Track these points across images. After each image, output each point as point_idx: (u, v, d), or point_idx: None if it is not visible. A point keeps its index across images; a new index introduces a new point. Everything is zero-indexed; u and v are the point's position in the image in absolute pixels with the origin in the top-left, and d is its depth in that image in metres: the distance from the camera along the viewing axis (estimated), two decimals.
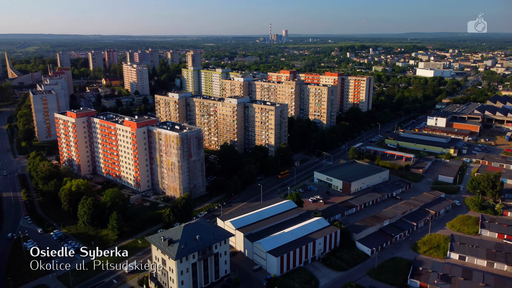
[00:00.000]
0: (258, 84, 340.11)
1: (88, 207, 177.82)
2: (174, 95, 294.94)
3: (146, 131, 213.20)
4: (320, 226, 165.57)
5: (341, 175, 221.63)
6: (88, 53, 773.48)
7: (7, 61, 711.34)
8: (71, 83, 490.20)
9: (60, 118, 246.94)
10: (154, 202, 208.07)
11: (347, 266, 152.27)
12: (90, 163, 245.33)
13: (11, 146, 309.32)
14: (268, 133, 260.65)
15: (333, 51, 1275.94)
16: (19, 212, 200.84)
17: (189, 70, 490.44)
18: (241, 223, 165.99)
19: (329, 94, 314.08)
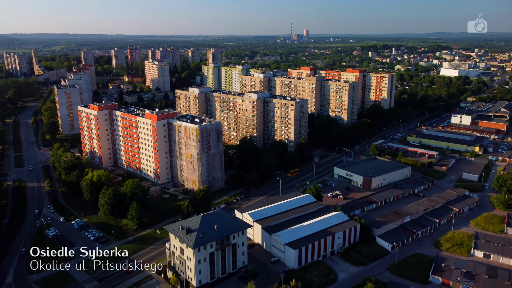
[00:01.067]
0: (278, 80, 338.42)
1: (109, 197, 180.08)
2: (194, 89, 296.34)
3: (166, 123, 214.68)
4: (339, 220, 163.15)
5: (361, 171, 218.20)
6: (111, 51, 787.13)
7: (33, 58, 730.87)
8: (94, 80, 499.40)
9: (83, 111, 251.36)
10: (173, 194, 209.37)
11: (366, 261, 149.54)
12: (111, 155, 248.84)
13: (36, 138, 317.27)
14: (287, 128, 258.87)
15: (355, 51, 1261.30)
16: (43, 201, 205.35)
17: (209, 67, 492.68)
18: (259, 216, 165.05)
19: (350, 90, 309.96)
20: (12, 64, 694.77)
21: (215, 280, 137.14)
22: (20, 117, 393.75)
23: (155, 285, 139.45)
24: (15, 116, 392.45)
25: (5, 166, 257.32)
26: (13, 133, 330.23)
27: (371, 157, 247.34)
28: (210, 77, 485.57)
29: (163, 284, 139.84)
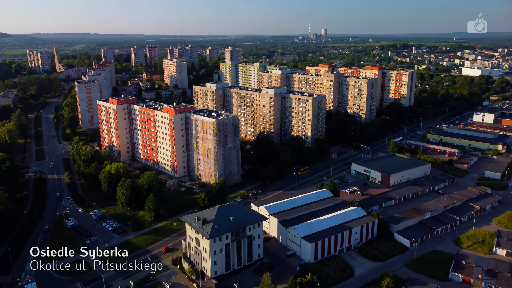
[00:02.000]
0: (296, 77, 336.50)
1: (126, 188, 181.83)
2: (211, 85, 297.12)
3: (184, 117, 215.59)
4: (357, 216, 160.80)
5: (380, 167, 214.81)
6: (131, 49, 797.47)
7: (55, 56, 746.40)
8: (114, 77, 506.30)
9: (103, 105, 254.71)
10: (189, 188, 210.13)
11: (384, 257, 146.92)
12: (129, 149, 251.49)
13: (56, 133, 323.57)
14: (305, 124, 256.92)
15: (374, 50, 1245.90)
16: (62, 193, 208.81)
17: (227, 65, 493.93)
18: (275, 209, 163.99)
19: (369, 87, 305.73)
20: (35, 61, 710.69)
21: (230, 271, 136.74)
22: (41, 112, 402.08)
23: (170, 275, 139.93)
24: (37, 111, 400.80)
25: (27, 158, 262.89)
26: (35, 128, 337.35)
27: (390, 154, 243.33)
28: (228, 74, 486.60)
29: (178, 275, 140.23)
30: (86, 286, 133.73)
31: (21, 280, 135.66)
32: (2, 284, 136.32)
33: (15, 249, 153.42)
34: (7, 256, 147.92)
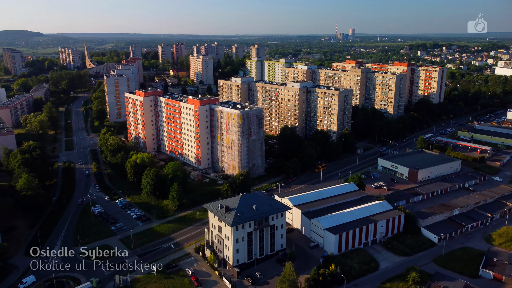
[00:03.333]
0: (322, 72, 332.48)
1: (151, 177, 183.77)
2: (237, 79, 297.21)
3: (209, 109, 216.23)
4: (382, 209, 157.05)
5: (407, 163, 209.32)
6: (158, 46, 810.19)
7: (86, 53, 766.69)
8: (141, 73, 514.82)
9: (130, 97, 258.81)
10: (213, 179, 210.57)
11: (410, 252, 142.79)
12: (155, 141, 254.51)
13: (85, 125, 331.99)
14: (330, 119, 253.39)
15: (403, 49, 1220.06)
16: (90, 182, 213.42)
17: (252, 61, 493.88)
18: (299, 201, 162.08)
19: (397, 82, 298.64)
20: (66, 58, 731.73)
21: (252, 260, 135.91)
22: (71, 106, 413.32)
23: (193, 262, 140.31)
24: (67, 105, 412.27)
25: (57, 149, 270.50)
26: (65, 120, 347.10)
27: (418, 150, 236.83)
28: (253, 71, 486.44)
29: (201, 263, 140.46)
30: (111, 270, 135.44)
31: (49, 261, 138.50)
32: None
33: (44, 232, 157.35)
34: (36, 239, 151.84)
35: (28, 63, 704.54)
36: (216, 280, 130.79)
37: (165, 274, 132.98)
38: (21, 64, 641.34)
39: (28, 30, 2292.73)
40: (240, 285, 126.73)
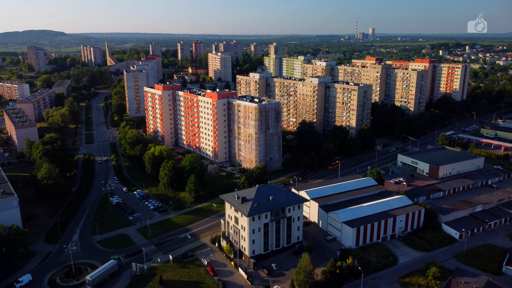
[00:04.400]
0: (341, 69, 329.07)
1: (169, 169, 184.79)
2: (255, 75, 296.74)
3: (226, 103, 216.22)
4: (402, 204, 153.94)
5: (428, 159, 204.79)
6: (177, 44, 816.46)
7: (107, 50, 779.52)
8: (161, 70, 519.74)
9: (149, 91, 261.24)
10: (230, 173, 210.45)
11: (430, 247, 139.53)
12: (173, 134, 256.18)
13: (105, 119, 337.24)
14: (349, 115, 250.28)
15: (424, 49, 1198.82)
16: (108, 173, 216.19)
17: (271, 58, 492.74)
18: (316, 194, 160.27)
19: (419, 79, 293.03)
20: (88, 56, 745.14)
21: (268, 252, 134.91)
22: (92, 101, 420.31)
23: (209, 253, 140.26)
24: (88, 100, 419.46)
25: (77, 142, 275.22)
26: (85, 115, 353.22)
27: (439, 147, 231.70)
28: (271, 68, 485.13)
29: (217, 253, 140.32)
30: (127, 259, 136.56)
31: (68, 249, 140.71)
32: (50, 252, 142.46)
33: (64, 221, 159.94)
34: (56, 227, 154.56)
35: (51, 60, 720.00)
36: (232, 270, 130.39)
37: (181, 264, 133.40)
38: (44, 61, 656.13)
39: (52, 30, 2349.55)
40: (256, 276, 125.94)
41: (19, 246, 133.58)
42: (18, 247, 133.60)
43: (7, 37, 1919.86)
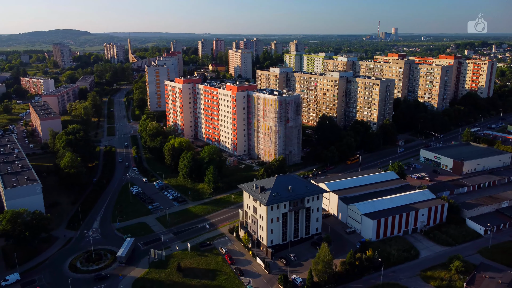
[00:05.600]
0: (363, 64, 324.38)
1: (188, 160, 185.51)
2: (275, 69, 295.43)
3: (246, 95, 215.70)
4: (424, 198, 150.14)
5: (452, 154, 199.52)
6: (198, 42, 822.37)
7: (129, 47, 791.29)
8: (181, 66, 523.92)
9: (169, 84, 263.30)
10: (249, 165, 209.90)
11: (454, 242, 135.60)
12: (192, 128, 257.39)
13: (127, 113, 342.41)
14: (370, 109, 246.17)
15: (448, 48, 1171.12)
16: (129, 164, 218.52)
17: (291, 55, 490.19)
18: (336, 186, 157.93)
19: (443, 74, 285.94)
20: (110, 53, 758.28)
21: (286, 242, 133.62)
22: (114, 96, 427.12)
23: (227, 242, 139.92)
24: (110, 95, 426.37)
25: (99, 134, 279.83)
26: (107, 109, 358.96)
27: (464, 143, 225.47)
28: (292, 64, 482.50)
29: (234, 243, 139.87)
30: (146, 246, 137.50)
31: (88, 235, 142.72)
32: (71, 238, 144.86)
33: (85, 208, 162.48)
34: (77, 214, 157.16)
35: (75, 58, 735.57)
36: (249, 260, 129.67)
37: (199, 252, 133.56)
38: (69, 58, 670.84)
39: (77, 29, 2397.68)
40: (273, 266, 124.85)
41: (41, 231, 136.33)
42: (41, 232, 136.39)
43: (34, 36, 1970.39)
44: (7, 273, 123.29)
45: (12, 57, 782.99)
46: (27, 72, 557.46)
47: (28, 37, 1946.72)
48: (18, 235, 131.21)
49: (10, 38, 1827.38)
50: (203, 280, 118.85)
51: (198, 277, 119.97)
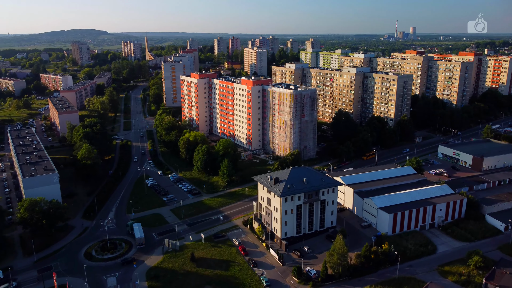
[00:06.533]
0: (380, 61, 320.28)
1: (203, 153, 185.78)
2: (291, 65, 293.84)
3: (261, 90, 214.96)
4: (442, 193, 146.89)
5: (471, 151, 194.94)
6: (214, 40, 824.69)
7: (146, 45, 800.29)
8: (197, 64, 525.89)
9: (185, 79, 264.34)
10: (263, 160, 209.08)
11: (473, 238, 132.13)
12: (207, 123, 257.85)
13: (143, 109, 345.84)
14: (387, 105, 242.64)
15: (468, 48, 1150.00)
16: (145, 157, 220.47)
17: (307, 52, 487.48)
18: (352, 180, 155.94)
19: (463, 71, 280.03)
20: (128, 51, 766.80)
21: (301, 235, 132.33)
22: (131, 93, 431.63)
23: (240, 234, 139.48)
24: (127, 92, 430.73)
25: (115, 129, 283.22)
26: (124, 105, 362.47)
27: (484, 139, 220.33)
28: (308, 62, 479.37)
29: (248, 235, 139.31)
30: (161, 236, 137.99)
31: (104, 224, 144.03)
32: (87, 227, 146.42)
33: (100, 199, 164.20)
34: (93, 204, 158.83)
35: (93, 56, 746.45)
36: (263, 251, 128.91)
37: (212, 243, 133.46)
38: (87, 56, 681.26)
39: (95, 29, 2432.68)
40: (287, 258, 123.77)
41: (58, 220, 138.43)
42: (57, 221, 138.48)
43: (54, 36, 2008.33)
44: (24, 261, 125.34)
45: (32, 55, 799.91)
46: (47, 69, 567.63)
47: (48, 36, 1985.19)
48: (35, 223, 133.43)
49: (31, 38, 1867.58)
50: (216, 270, 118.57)
51: (212, 267, 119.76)
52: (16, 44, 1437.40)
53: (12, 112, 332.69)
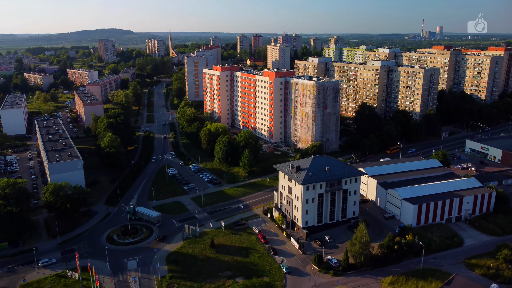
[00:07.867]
0: (406, 55, 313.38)
1: (224, 144, 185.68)
2: (314, 59, 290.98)
3: (283, 82, 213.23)
4: (470, 186, 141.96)
5: (501, 145, 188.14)
6: (237, 37, 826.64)
7: (170, 43, 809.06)
8: (220, 60, 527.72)
9: (207, 72, 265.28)
10: (284, 152, 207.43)
11: (502, 232, 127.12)
12: (229, 115, 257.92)
13: (165, 103, 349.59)
14: (413, 99, 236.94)
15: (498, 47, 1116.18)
16: (167, 148, 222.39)
17: (331, 49, 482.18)
18: (375, 172, 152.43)
19: (492, 65, 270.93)
20: (152, 48, 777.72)
21: (322, 224, 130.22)
22: (154, 88, 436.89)
23: (260, 222, 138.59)
24: (151, 87, 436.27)
25: (139, 121, 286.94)
26: (147, 99, 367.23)
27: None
28: (331, 58, 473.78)
29: (268, 223, 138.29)
30: (181, 223, 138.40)
31: (125, 210, 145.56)
32: (110, 213, 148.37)
33: (123, 187, 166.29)
34: (115, 191, 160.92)
35: (118, 53, 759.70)
36: (283, 240, 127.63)
37: (232, 230, 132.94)
38: (112, 53, 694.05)
39: (121, 29, 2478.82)
40: (308, 247, 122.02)
41: (81, 205, 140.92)
42: (81, 205, 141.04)
43: (81, 35, 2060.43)
44: (48, 243, 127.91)
45: (60, 52, 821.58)
46: (74, 65, 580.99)
47: (75, 36, 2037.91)
48: (59, 207, 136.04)
49: (59, 37, 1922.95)
50: (236, 257, 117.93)
51: (231, 254, 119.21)
52: (45, 43, 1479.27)
53: (40, 105, 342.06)
